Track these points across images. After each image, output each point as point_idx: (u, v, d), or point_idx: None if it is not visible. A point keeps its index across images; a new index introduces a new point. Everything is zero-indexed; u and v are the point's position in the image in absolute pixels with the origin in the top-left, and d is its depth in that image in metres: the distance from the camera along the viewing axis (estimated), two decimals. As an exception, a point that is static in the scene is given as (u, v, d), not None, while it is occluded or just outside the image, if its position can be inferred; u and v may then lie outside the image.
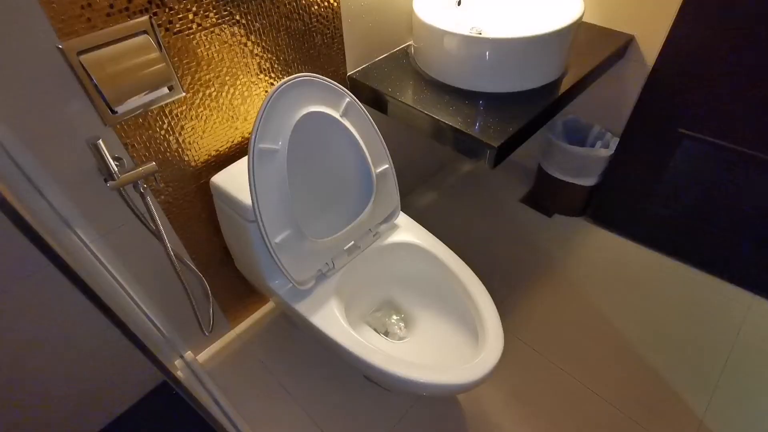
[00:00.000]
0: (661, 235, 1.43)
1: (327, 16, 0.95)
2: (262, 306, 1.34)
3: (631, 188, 1.41)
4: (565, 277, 1.41)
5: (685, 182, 1.29)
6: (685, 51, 1.11)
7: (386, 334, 1.03)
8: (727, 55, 1.05)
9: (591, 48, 1.15)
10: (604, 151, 1.37)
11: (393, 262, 1.04)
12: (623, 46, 1.19)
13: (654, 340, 1.24)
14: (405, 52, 1.16)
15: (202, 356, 1.24)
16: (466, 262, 0.98)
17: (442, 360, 0.94)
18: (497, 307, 0.90)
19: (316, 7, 0.91)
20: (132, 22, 0.68)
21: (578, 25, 0.98)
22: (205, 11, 0.75)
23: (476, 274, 0.96)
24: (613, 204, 1.48)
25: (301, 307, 0.91)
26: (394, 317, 1.05)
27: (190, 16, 0.74)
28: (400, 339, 1.02)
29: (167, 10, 0.71)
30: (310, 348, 1.25)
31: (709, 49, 1.07)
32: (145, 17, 0.69)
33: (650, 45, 1.19)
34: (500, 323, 0.87)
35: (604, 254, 1.47)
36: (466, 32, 0.95)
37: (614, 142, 1.37)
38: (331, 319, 0.89)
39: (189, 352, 1.20)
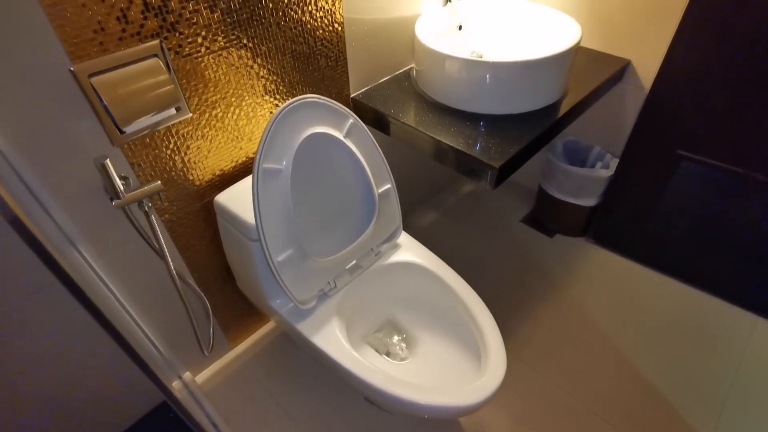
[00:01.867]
0: (663, 255, 1.43)
1: (331, 40, 0.97)
2: (262, 326, 1.33)
3: (632, 209, 1.41)
4: (567, 297, 1.40)
5: (686, 203, 1.30)
6: (681, 74, 1.13)
7: (388, 354, 1.02)
8: (723, 78, 1.07)
9: (589, 72, 1.17)
10: (604, 172, 1.38)
11: (395, 282, 1.04)
12: (620, 70, 1.22)
13: (658, 362, 1.22)
14: (407, 74, 1.19)
15: (201, 377, 1.22)
16: (468, 282, 0.97)
17: (444, 381, 0.93)
18: (499, 328, 0.89)
19: (321, 31, 0.94)
20: (143, 46, 0.70)
21: (576, 50, 1.00)
22: (213, 35, 0.78)
23: (478, 294, 0.95)
24: (615, 224, 1.49)
25: (303, 327, 0.90)
26: (396, 338, 1.05)
27: (199, 40, 0.76)
28: (402, 360, 1.00)
29: (177, 34, 0.73)
30: (310, 369, 1.23)
31: (704, 72, 1.09)
32: (156, 41, 0.71)
33: (646, 69, 1.21)
34: (503, 344, 0.86)
35: (606, 275, 1.47)
36: (466, 56, 0.97)
37: (614, 163, 1.39)
38: (332, 339, 0.88)
39: (187, 373, 1.19)
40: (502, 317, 1.33)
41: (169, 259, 0.84)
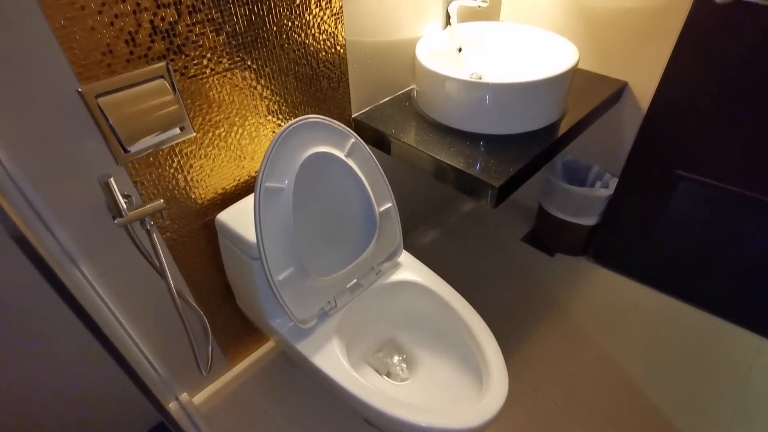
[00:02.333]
0: (664, 275, 1.43)
1: (334, 62, 0.99)
2: (261, 345, 1.31)
3: (631, 228, 1.42)
4: (568, 317, 1.39)
5: (686, 222, 1.30)
6: (677, 96, 1.15)
7: (388, 375, 1.01)
8: (718, 99, 1.09)
9: (587, 93, 1.19)
10: (603, 191, 1.39)
11: (395, 301, 1.04)
12: (618, 92, 1.24)
13: (661, 383, 1.21)
14: (408, 95, 1.21)
15: (199, 398, 1.20)
16: (469, 302, 0.97)
17: (445, 403, 0.91)
18: (501, 348, 0.88)
19: (323, 53, 0.96)
20: (150, 67, 0.71)
21: (574, 72, 1.02)
22: (218, 57, 0.79)
23: (479, 313, 0.95)
24: (615, 244, 1.49)
25: (302, 347, 0.89)
26: (396, 358, 1.03)
27: (205, 62, 0.78)
28: (402, 380, 0.99)
29: (183, 56, 0.75)
30: (309, 390, 1.21)
31: (700, 94, 1.11)
32: (163, 63, 0.72)
33: (643, 91, 1.23)
34: (504, 365, 0.85)
35: (607, 294, 1.46)
36: (466, 77, 0.99)
37: (613, 182, 1.40)
38: (332, 359, 0.87)
39: (185, 393, 1.17)
40: (503, 337, 1.32)
41: (170, 278, 0.84)
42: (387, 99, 1.19)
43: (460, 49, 1.21)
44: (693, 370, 1.24)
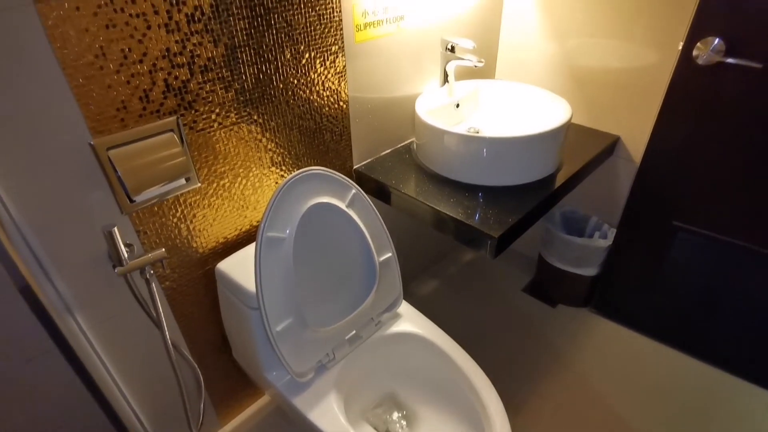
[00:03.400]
0: (668, 327, 1.40)
1: (337, 116, 1.04)
2: (255, 400, 1.26)
3: (632, 279, 1.41)
4: (573, 371, 1.35)
5: (687, 274, 1.29)
6: (668, 149, 1.19)
7: (387, 433, 0.96)
8: (708, 152, 1.13)
9: (581, 146, 1.23)
10: (602, 242, 1.39)
11: (395, 354, 1.01)
12: (611, 145, 1.28)
13: (675, 444, 1.15)
14: (408, 148, 1.25)
15: (188, 457, 1.14)
16: (471, 354, 0.95)
17: (448, 465, 0.87)
18: (504, 404, 0.85)
19: (327, 108, 1.00)
20: (161, 122, 0.74)
21: (567, 127, 1.06)
22: (226, 112, 0.83)
23: (481, 367, 0.92)
24: (617, 295, 1.47)
25: (299, 402, 0.86)
26: (396, 414, 0.99)
27: (213, 116, 0.81)
28: (403, 439, 0.95)
29: (193, 111, 0.78)
30: (304, 449, 1.15)
31: (690, 147, 1.15)
32: (173, 118, 0.76)
33: (635, 144, 1.27)
34: (507, 421, 0.82)
35: (612, 347, 1.42)
36: (464, 131, 1.03)
37: (612, 233, 1.40)
38: (329, 415, 0.84)
39: (173, 452, 1.11)
40: (506, 393, 1.27)
41: (166, 329, 0.82)
42: (388, 151, 1.22)
43: (457, 105, 1.26)
44: (699, 427, 1.18)
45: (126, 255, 0.74)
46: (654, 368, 1.35)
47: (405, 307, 1.05)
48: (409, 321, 1.02)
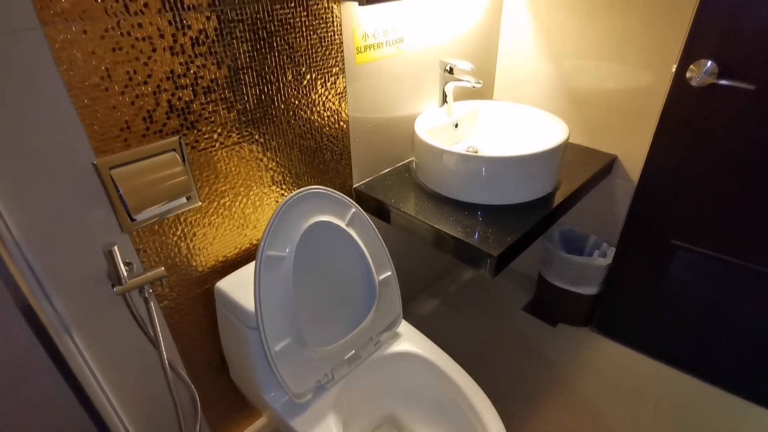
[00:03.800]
0: (669, 347, 1.39)
1: (337, 136, 1.05)
2: (252, 422, 1.24)
3: (633, 298, 1.40)
4: (574, 391, 1.33)
5: (686, 292, 1.29)
6: (665, 169, 1.20)
7: (387, 456, 0.94)
8: (704, 172, 1.14)
9: (579, 166, 1.24)
10: (601, 261, 1.39)
11: (394, 374, 1.00)
12: (608, 165, 1.29)
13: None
14: (407, 167, 1.26)
15: (182, 481, 1.11)
16: (471, 374, 0.94)
17: (449, 489, 0.85)
18: (505, 425, 0.84)
19: (327, 128, 1.02)
20: (163, 141, 0.75)
21: (565, 147, 1.07)
22: (228, 132, 0.84)
23: (481, 387, 0.91)
24: (618, 314, 1.46)
25: (297, 424, 0.85)
26: (396, 437, 0.98)
27: (215, 136, 0.82)
28: (402, 463, 0.93)
29: (196, 131, 0.79)
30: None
31: (686, 167, 1.16)
32: (176, 138, 0.77)
33: (633, 163, 1.29)
34: (511, 445, 0.81)
35: (613, 367, 1.41)
36: (463, 151, 1.04)
37: (611, 252, 1.41)
38: (328, 437, 0.82)
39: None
40: (507, 413, 1.25)
41: (163, 349, 0.82)
42: (387, 170, 1.23)
43: (456, 125, 1.28)
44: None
45: (125, 274, 0.74)
46: (655, 389, 1.33)
47: (405, 327, 1.04)
48: (409, 340, 1.01)
